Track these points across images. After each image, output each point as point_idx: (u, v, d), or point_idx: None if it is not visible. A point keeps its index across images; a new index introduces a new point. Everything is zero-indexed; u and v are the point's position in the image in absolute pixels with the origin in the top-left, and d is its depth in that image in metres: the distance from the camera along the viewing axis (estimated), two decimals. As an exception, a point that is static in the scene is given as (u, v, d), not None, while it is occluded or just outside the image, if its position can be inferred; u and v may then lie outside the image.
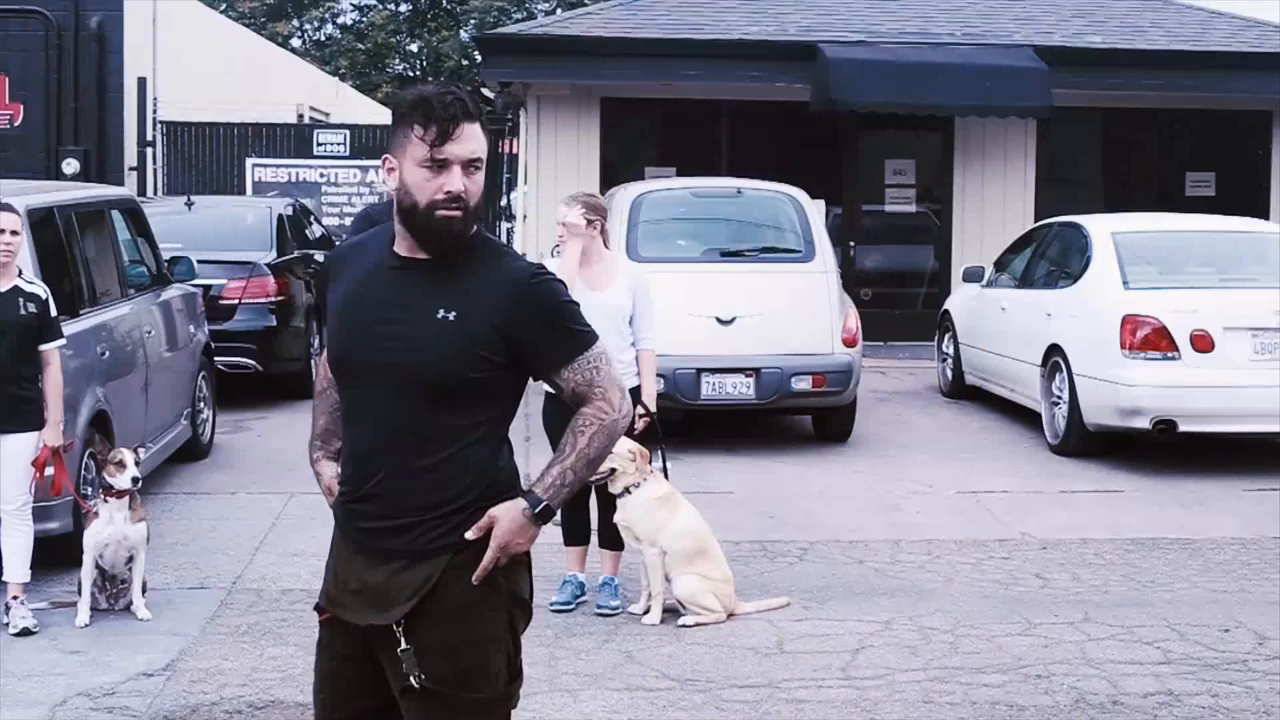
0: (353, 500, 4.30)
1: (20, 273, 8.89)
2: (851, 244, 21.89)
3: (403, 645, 4.17)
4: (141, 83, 24.13)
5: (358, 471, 4.28)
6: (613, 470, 8.79)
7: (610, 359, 4.34)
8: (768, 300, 13.94)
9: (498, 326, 4.15)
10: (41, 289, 8.92)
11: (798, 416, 15.22)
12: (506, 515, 4.20)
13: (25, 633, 8.62)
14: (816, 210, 15.13)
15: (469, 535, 4.18)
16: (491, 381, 4.20)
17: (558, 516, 5.10)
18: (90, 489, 9.66)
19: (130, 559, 8.97)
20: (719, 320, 13.77)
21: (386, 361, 4.17)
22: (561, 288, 4.31)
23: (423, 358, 4.14)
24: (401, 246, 4.27)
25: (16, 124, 23.76)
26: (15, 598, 8.79)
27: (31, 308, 8.77)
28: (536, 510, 4.22)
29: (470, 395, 4.18)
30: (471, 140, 4.17)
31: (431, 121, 4.12)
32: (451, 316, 4.14)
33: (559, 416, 9.13)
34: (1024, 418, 15.19)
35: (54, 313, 8.92)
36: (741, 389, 13.73)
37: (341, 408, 4.40)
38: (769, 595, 9.36)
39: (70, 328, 9.62)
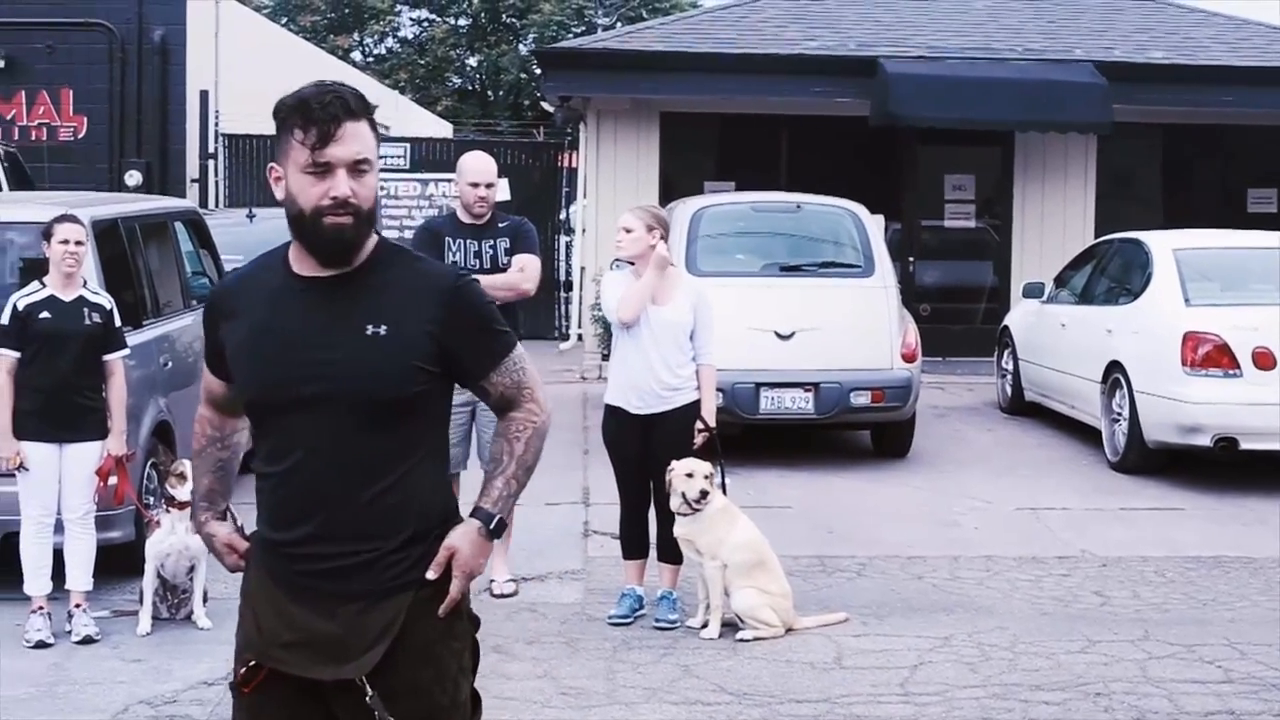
0: (289, 544, 3.99)
1: (85, 283, 8.96)
2: (911, 259, 21.83)
3: (369, 692, 3.92)
4: (204, 95, 24.27)
5: (291, 512, 3.98)
6: (704, 494, 8.80)
7: (529, 358, 4.21)
8: (827, 315, 13.92)
9: (432, 335, 3.95)
10: (106, 299, 8.99)
11: (856, 432, 15.19)
12: (465, 541, 4.02)
13: (88, 641, 8.69)
14: (876, 225, 15.11)
15: (430, 575, 3.96)
16: (430, 395, 4.01)
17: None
18: (152, 498, 9.73)
19: (191, 569, 9.02)
20: (778, 335, 13.76)
21: (318, 390, 3.90)
22: (482, 290, 4.16)
23: (360, 380, 3.89)
24: (302, 266, 4.03)
25: (80, 136, 23.93)
26: (78, 606, 8.86)
27: (96, 318, 8.84)
28: (491, 526, 4.07)
29: (410, 412, 3.97)
30: (355, 140, 3.91)
31: (311, 124, 3.87)
32: (383, 331, 3.92)
33: (619, 430, 9.17)
34: (1084, 434, 15.11)
35: (118, 323, 8.99)
36: (800, 404, 13.71)
37: (265, 449, 4.04)
38: (827, 610, 9.34)
39: (134, 338, 9.68)
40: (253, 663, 4.05)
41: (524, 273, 9.66)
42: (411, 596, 3.95)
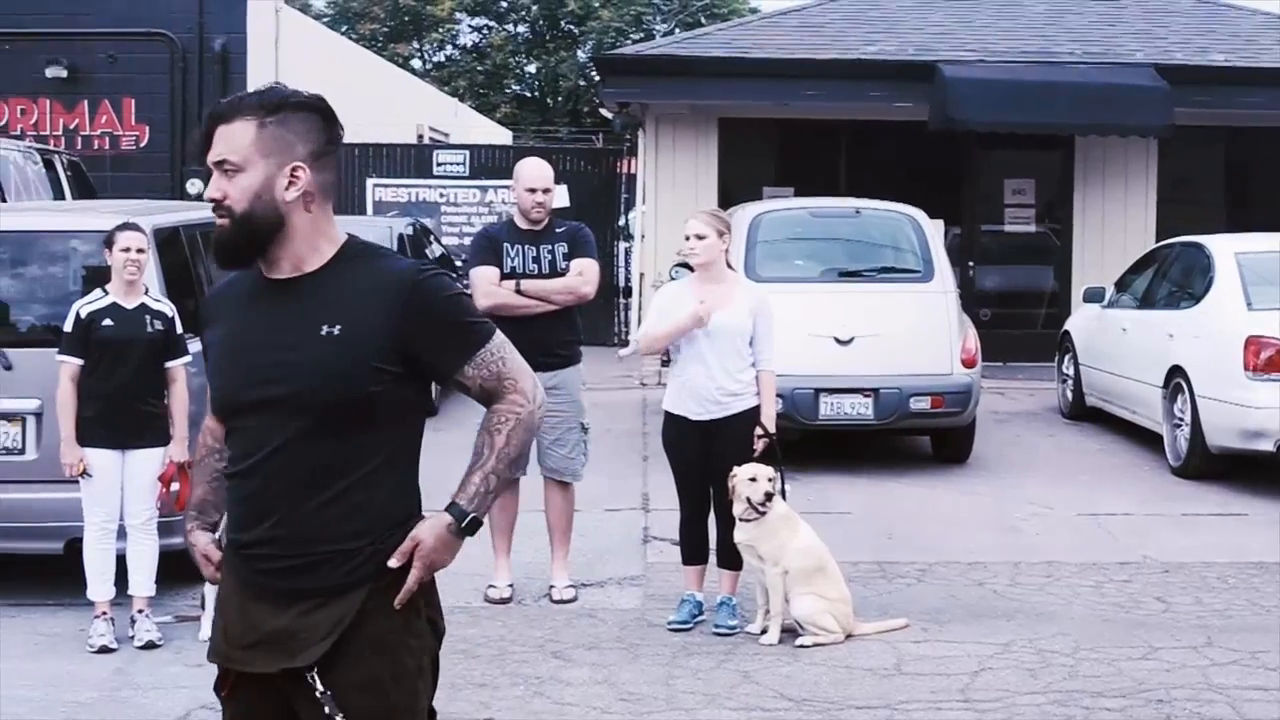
0: (248, 545, 3.98)
1: (147, 291, 9.02)
2: (970, 264, 21.77)
3: (319, 689, 3.89)
4: (264, 104, 24.36)
5: (250, 514, 3.97)
6: (768, 496, 8.80)
7: (511, 346, 4.12)
8: (886, 320, 13.90)
9: (389, 333, 3.89)
10: (167, 307, 9.05)
11: (916, 437, 15.16)
12: (431, 534, 3.93)
13: (150, 646, 8.75)
14: (935, 230, 15.08)
15: (392, 563, 3.89)
16: (389, 396, 3.92)
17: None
18: (214, 506, 9.77)
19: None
20: (837, 340, 13.74)
21: (274, 393, 3.90)
22: (449, 281, 4.06)
23: (312, 381, 3.87)
24: (268, 269, 4.02)
25: (142, 145, 24.12)
26: (141, 611, 8.91)
27: (158, 325, 8.90)
28: (464, 524, 3.95)
29: (367, 414, 3.91)
30: (221, 142, 3.91)
31: (201, 131, 3.98)
32: (336, 331, 3.88)
33: (679, 437, 9.17)
34: (1145, 440, 15.04)
35: (179, 330, 9.04)
36: (860, 409, 13.70)
37: (230, 452, 4.07)
38: (887, 616, 9.32)
39: (195, 346, 9.72)
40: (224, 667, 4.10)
41: (582, 276, 9.70)
42: (367, 590, 3.90)
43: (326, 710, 3.88)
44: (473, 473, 4.00)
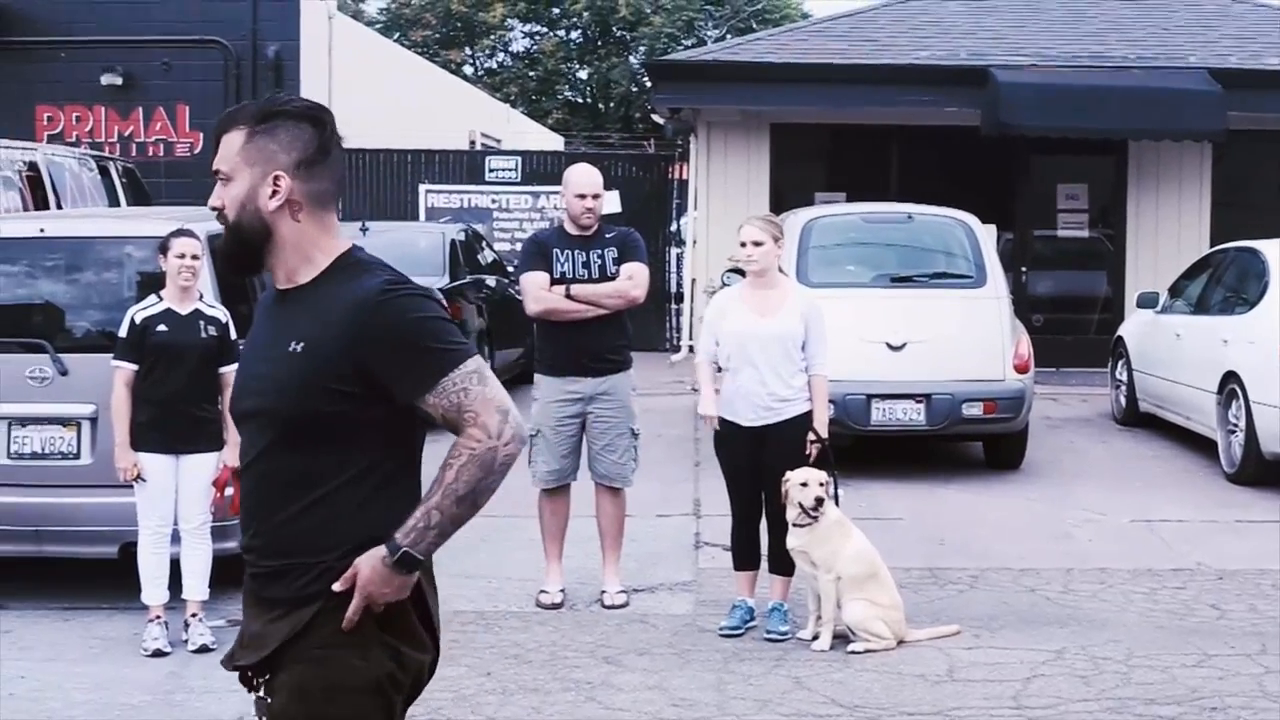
0: (244, 550, 4.04)
1: (201, 296, 9.06)
2: (1023, 269, 21.71)
3: (260, 693, 3.94)
4: (317, 110, 24.48)
5: (243, 519, 4.05)
6: (820, 500, 8.80)
7: (486, 375, 3.84)
8: (938, 326, 13.87)
9: (345, 353, 3.81)
10: (222, 313, 9.09)
11: (968, 443, 15.12)
12: (367, 564, 3.81)
13: (203, 650, 8.78)
14: (988, 235, 15.04)
15: (336, 587, 3.84)
16: (350, 416, 3.83)
17: None
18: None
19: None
20: (889, 346, 13.71)
21: (250, 406, 3.98)
22: (420, 302, 3.88)
23: (275, 397, 3.88)
24: (274, 279, 4.06)
25: (197, 151, 24.23)
26: (194, 615, 8.96)
27: (212, 331, 8.94)
28: (395, 557, 3.78)
29: (328, 433, 3.85)
30: (219, 151, 3.99)
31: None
32: (299, 349, 3.85)
33: (730, 442, 9.17)
34: (1199, 446, 14.96)
35: (234, 336, 9.08)
36: (912, 415, 13.66)
37: None
38: (939, 623, 9.30)
39: (249, 351, 9.77)
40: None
41: (632, 280, 9.70)
42: (318, 606, 3.87)
43: (255, 710, 3.99)
44: (418, 506, 3.84)
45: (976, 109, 20.41)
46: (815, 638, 8.93)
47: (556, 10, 54.57)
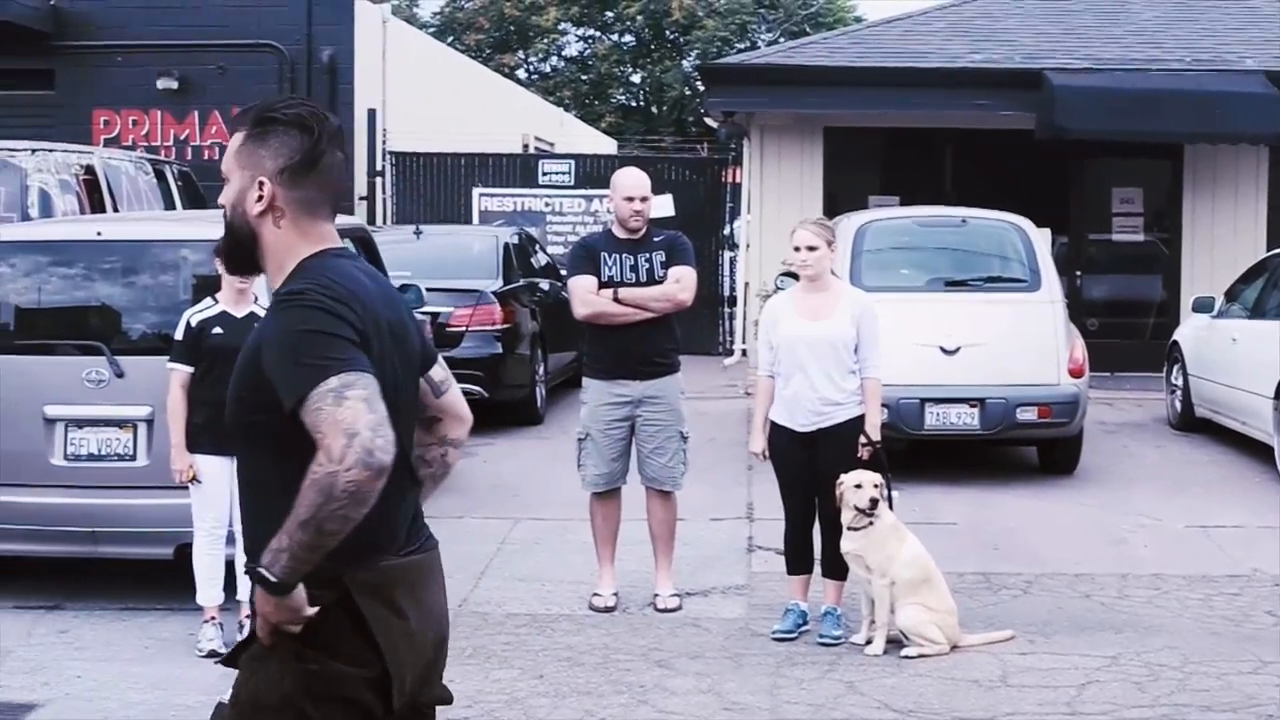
0: None
1: (256, 299, 9.10)
2: (1078, 273, 21.61)
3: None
4: (371, 114, 24.60)
5: None
6: (874, 502, 8.78)
7: (345, 395, 3.62)
8: (993, 330, 13.83)
9: (254, 361, 3.84)
10: (276, 315, 9.11)
11: (1022, 448, 15.06)
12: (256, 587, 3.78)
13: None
14: (1042, 239, 14.99)
15: (246, 600, 3.96)
16: (274, 425, 3.76)
17: None
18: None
19: (360, 581, 9.11)
20: (943, 350, 13.68)
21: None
22: (305, 314, 3.76)
23: (228, 405, 3.98)
24: None
25: (251, 155, 24.31)
26: (249, 616, 8.97)
27: (267, 334, 8.96)
28: (258, 580, 3.71)
29: (261, 441, 3.87)
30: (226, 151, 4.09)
31: None
32: (241, 357, 3.95)
33: (783, 446, 9.16)
34: (1256, 451, 14.86)
35: (288, 339, 9.10)
36: (966, 419, 13.63)
37: None
38: (993, 628, 9.27)
39: (304, 354, 9.80)
40: None
41: (680, 283, 9.70)
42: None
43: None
44: (280, 531, 3.69)
45: (1031, 112, 20.31)
46: (869, 642, 8.92)
47: (610, 14, 54.61)
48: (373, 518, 3.71)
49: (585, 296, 9.69)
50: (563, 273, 18.97)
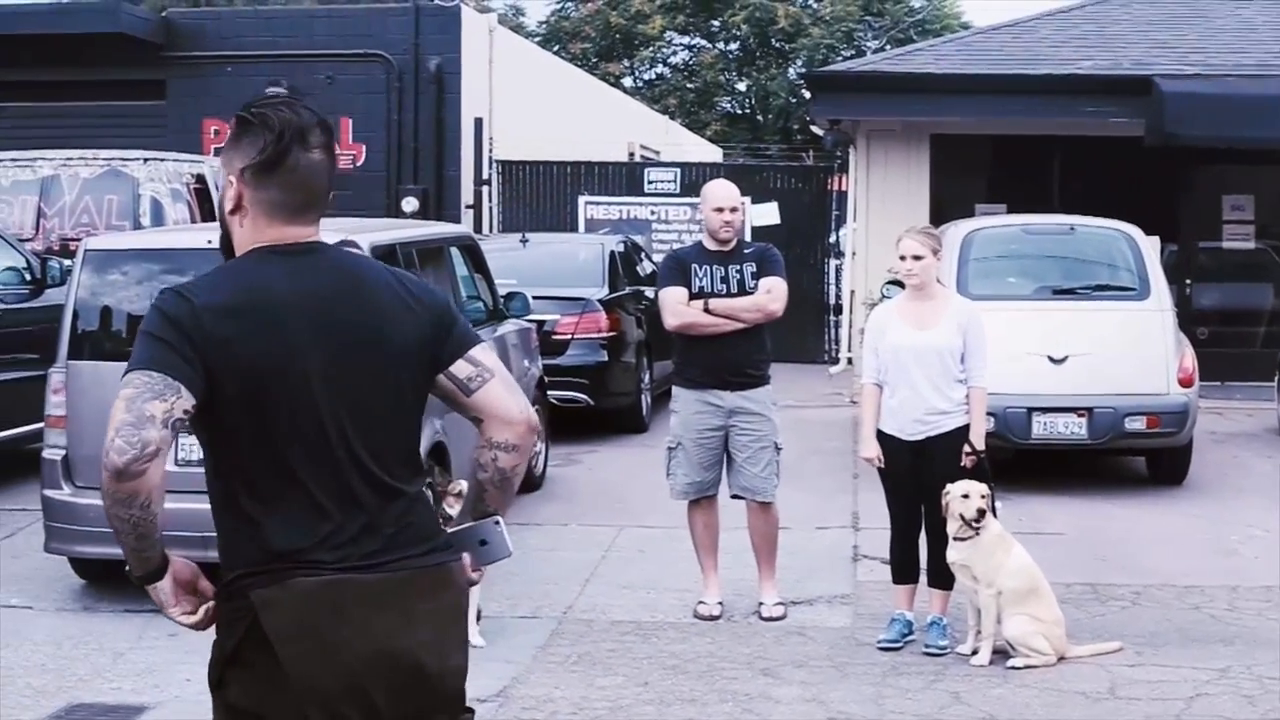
0: None
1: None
2: (1187, 281, 21.41)
3: None
4: (478, 123, 24.73)
5: None
6: (981, 513, 8.74)
7: (119, 394, 3.68)
8: (1101, 339, 13.73)
9: None
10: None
11: (1130, 458, 14.94)
12: None
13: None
14: (1151, 247, 14.86)
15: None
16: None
17: None
18: (428, 518, 9.89)
19: (466, 587, 9.14)
20: (1051, 359, 13.59)
21: None
22: (151, 313, 3.81)
23: None
24: None
25: (359, 164, 24.51)
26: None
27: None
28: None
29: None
30: None
31: None
32: None
33: (890, 455, 9.14)
34: (1369, 462, 14.68)
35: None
36: (1073, 428, 13.53)
37: None
38: (1101, 639, 9.20)
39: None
40: None
41: (770, 294, 9.70)
42: None
43: None
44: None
45: (1140, 119, 20.13)
46: (975, 652, 8.88)
47: (715, 22, 54.60)
48: (257, 529, 3.80)
49: (676, 307, 9.70)
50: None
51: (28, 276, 13.93)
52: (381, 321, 3.91)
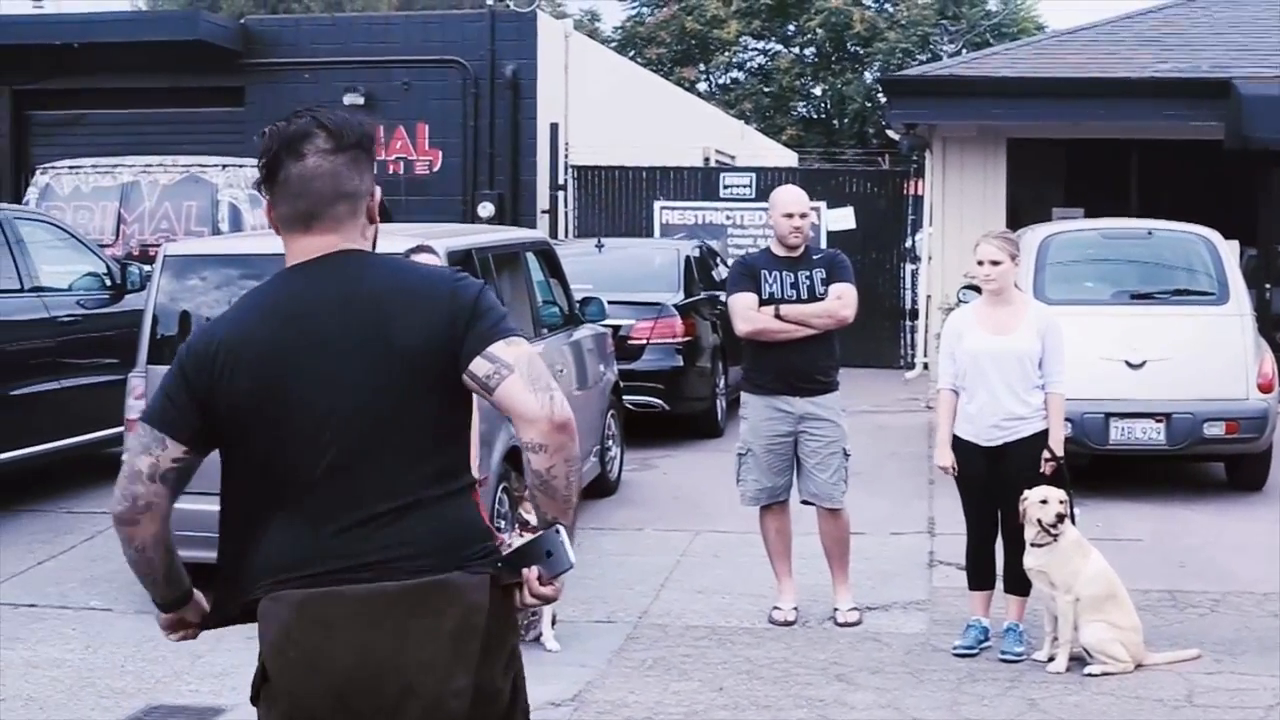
0: None
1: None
2: (1267, 286, 21.21)
3: None
4: (554, 128, 24.80)
5: None
6: (1060, 518, 8.70)
7: (127, 450, 3.99)
8: (1179, 344, 13.63)
9: None
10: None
11: (1209, 464, 14.82)
12: None
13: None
14: (1230, 251, 14.74)
15: None
16: None
17: None
18: (503, 523, 9.95)
19: (541, 592, 9.15)
20: (1128, 364, 13.51)
21: None
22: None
23: None
24: None
25: (435, 169, 24.64)
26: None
27: (451, 347, 9.05)
28: None
29: None
30: None
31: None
32: None
33: (966, 461, 9.11)
34: None
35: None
36: (1151, 434, 13.44)
37: None
38: (1179, 646, 9.14)
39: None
40: None
41: (841, 300, 9.69)
42: None
43: None
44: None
45: (1219, 122, 19.99)
46: (1051, 659, 8.83)
47: (791, 27, 54.58)
48: (265, 543, 3.79)
49: (747, 314, 9.70)
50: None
51: (108, 282, 14.05)
52: (385, 325, 3.79)
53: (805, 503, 9.88)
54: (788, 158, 43.00)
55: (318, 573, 3.72)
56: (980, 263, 9.10)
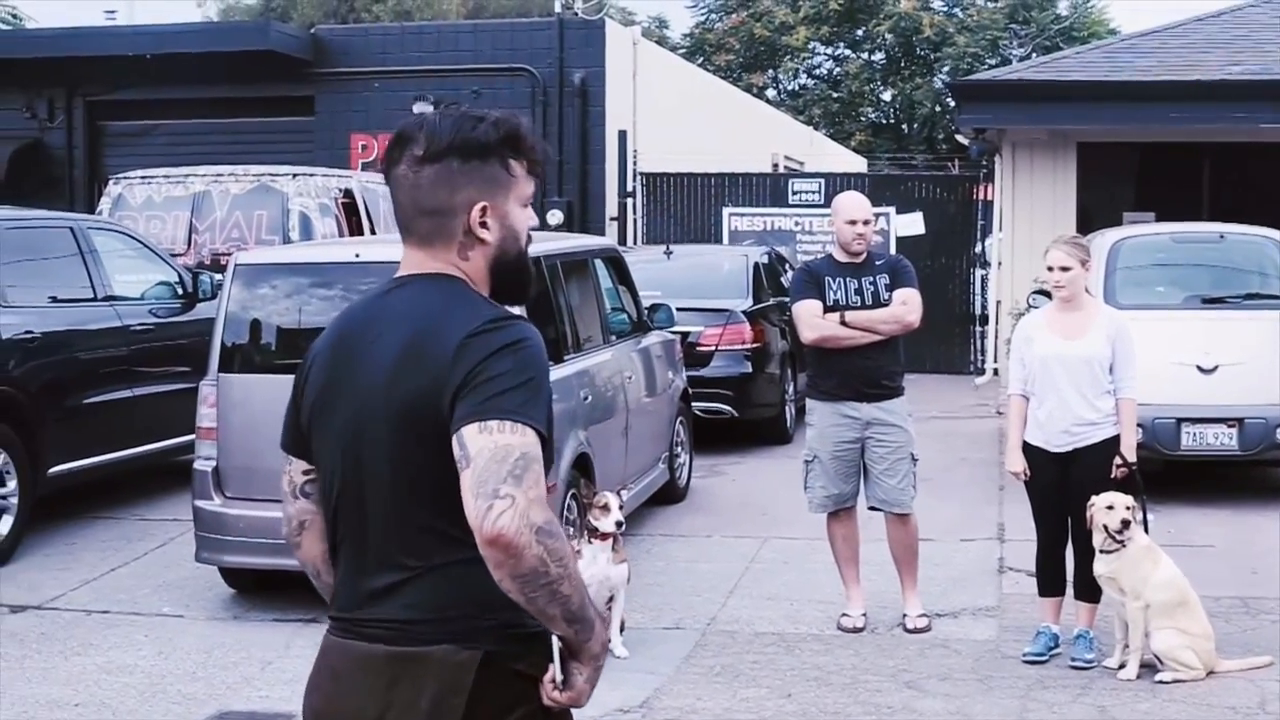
0: None
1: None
2: (1340, 290, 21.04)
3: None
4: (622, 135, 24.84)
5: None
6: (1125, 524, 8.65)
7: None
8: (1252, 348, 13.53)
9: None
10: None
11: (1281, 468, 14.73)
12: None
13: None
14: (1304, 255, 14.63)
15: None
16: None
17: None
18: (571, 529, 9.97)
19: (610, 599, 9.20)
20: (1200, 369, 13.42)
21: None
22: None
23: None
24: None
25: (504, 177, 24.71)
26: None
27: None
28: None
29: None
30: None
31: (535, 153, 3.70)
32: None
33: (1037, 467, 9.08)
34: None
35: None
36: (1224, 439, 13.35)
37: None
38: (1251, 654, 9.07)
39: (555, 373, 9.93)
40: None
41: (907, 305, 9.67)
42: None
43: None
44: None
45: (1293, 125, 19.86)
46: (1122, 666, 8.79)
47: (860, 32, 54.47)
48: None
49: (812, 320, 9.69)
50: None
51: (179, 291, 14.16)
52: (385, 376, 3.50)
53: (873, 509, 9.87)
54: (857, 163, 42.92)
55: (343, 618, 3.63)
56: (1051, 269, 9.07)
